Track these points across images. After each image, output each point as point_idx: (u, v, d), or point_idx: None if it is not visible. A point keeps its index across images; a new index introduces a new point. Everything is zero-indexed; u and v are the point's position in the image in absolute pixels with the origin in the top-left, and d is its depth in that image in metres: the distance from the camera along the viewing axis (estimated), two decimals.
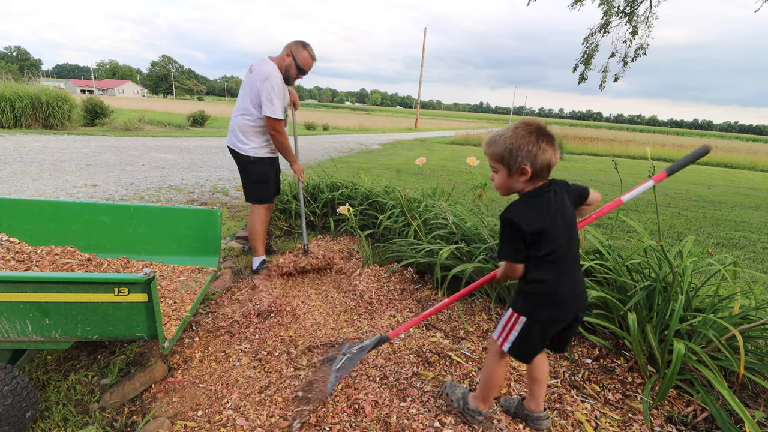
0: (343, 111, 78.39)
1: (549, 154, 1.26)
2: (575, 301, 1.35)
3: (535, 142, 1.25)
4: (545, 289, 1.31)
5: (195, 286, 2.25)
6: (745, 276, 2.88)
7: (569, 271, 1.33)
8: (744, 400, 1.75)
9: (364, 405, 1.66)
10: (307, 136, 18.00)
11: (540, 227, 1.25)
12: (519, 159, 1.25)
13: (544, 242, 1.27)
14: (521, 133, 1.26)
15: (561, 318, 1.35)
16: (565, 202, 1.33)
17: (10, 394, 1.40)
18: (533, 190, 1.31)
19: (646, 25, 9.94)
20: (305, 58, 2.86)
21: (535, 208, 1.28)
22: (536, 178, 1.29)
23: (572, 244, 1.33)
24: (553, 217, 1.28)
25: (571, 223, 1.33)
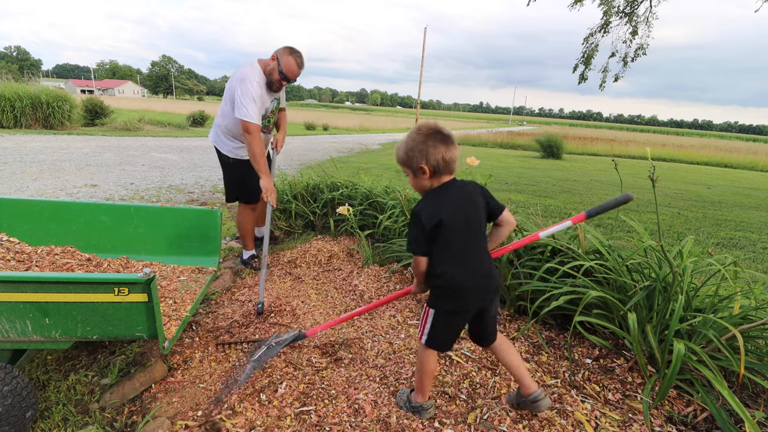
0: (343, 111, 78.40)
1: (441, 151, 1.36)
2: (477, 291, 1.43)
3: (424, 141, 1.36)
4: (445, 282, 1.40)
5: (195, 286, 2.25)
6: (745, 276, 2.88)
7: (470, 263, 1.42)
8: (744, 400, 1.75)
9: (364, 405, 1.66)
10: (307, 136, 18.01)
11: (438, 219, 1.34)
12: (415, 160, 1.38)
13: (442, 235, 1.36)
14: (414, 136, 1.39)
15: (463, 308, 1.44)
16: (471, 199, 1.43)
17: (10, 394, 1.40)
18: (438, 186, 1.42)
19: (646, 25, 9.94)
20: (289, 64, 2.70)
21: (435, 202, 1.39)
22: (437, 174, 1.39)
23: (472, 236, 1.42)
24: (452, 210, 1.37)
25: (474, 218, 1.42)
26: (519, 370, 1.57)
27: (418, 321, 2.36)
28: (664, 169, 14.22)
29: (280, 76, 2.71)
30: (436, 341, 1.51)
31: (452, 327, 1.49)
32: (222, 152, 2.91)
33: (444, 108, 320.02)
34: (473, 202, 1.43)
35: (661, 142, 28.95)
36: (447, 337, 1.52)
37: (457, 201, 1.40)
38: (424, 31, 33.83)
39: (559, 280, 2.19)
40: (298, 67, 2.73)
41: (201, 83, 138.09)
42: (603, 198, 7.13)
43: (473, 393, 1.76)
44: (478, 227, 1.44)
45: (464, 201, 1.41)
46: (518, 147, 20.21)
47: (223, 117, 2.83)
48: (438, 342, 1.51)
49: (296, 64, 2.72)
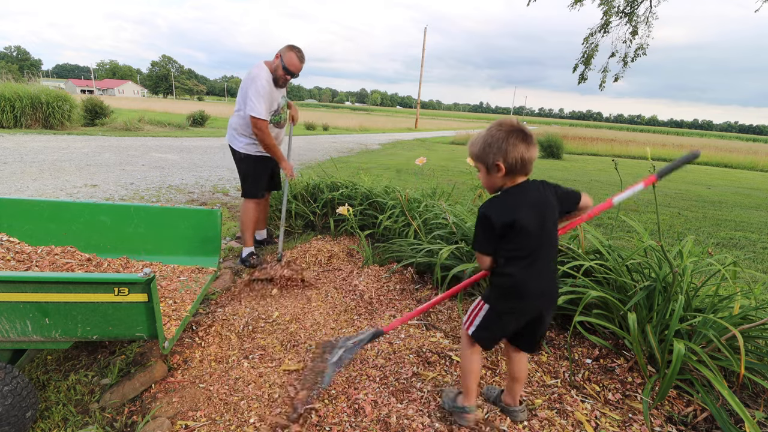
0: (343, 111, 78.39)
1: (521, 149, 1.30)
2: (539, 299, 1.39)
3: (505, 138, 1.30)
4: (511, 282, 1.36)
5: (195, 286, 2.25)
6: (745, 276, 2.88)
7: (538, 269, 1.36)
8: (744, 400, 1.75)
9: (364, 405, 1.66)
10: (307, 136, 18.01)
11: (509, 220, 1.30)
12: (492, 156, 1.32)
13: (514, 236, 1.32)
14: (494, 131, 1.33)
15: (521, 311, 1.40)
16: (547, 202, 1.37)
17: (9, 394, 1.40)
18: (513, 186, 1.37)
19: (646, 25, 9.94)
20: (290, 59, 2.95)
21: (508, 203, 1.35)
22: (512, 173, 1.34)
23: (545, 242, 1.37)
24: (527, 213, 1.32)
25: (547, 222, 1.37)
26: (518, 384, 1.58)
27: (418, 321, 2.36)
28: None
29: (284, 71, 2.96)
30: (483, 336, 1.47)
31: (503, 328, 1.45)
32: (235, 149, 3.12)
33: (444, 108, 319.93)
34: (549, 206, 1.38)
35: (661, 142, 28.93)
36: (494, 336, 1.48)
37: (533, 203, 1.35)
38: (424, 31, 33.84)
39: (559, 279, 2.19)
40: (299, 61, 2.97)
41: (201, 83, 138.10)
42: (603, 198, 7.09)
43: None
44: (551, 233, 1.39)
45: (541, 204, 1.36)
46: None
47: (237, 116, 3.05)
48: (485, 338, 1.47)
49: (297, 59, 2.96)
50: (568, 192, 1.44)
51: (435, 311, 2.49)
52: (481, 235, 1.37)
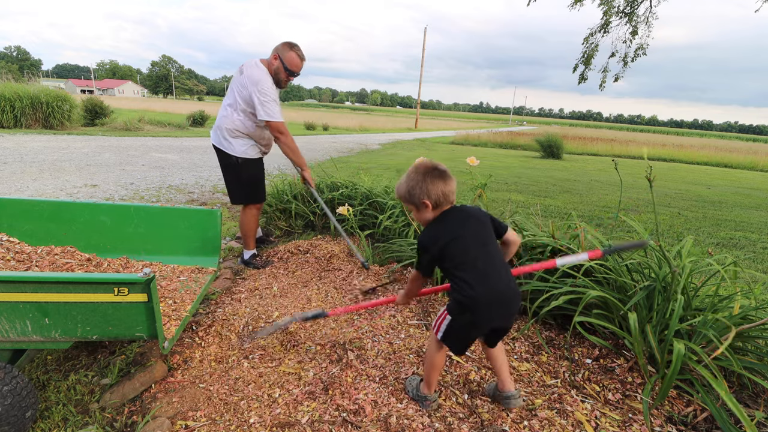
0: (343, 111, 78.39)
1: (439, 186, 1.49)
2: (494, 308, 1.45)
3: (423, 179, 1.49)
4: (463, 296, 1.44)
5: (195, 286, 2.25)
6: (745, 276, 2.88)
7: (487, 280, 1.44)
8: (744, 401, 1.75)
9: (364, 405, 1.66)
10: (307, 136, 18.01)
11: (443, 242, 1.46)
12: (417, 196, 1.50)
13: (453, 254, 1.46)
14: (413, 176, 1.52)
15: (478, 323, 1.48)
16: (472, 216, 1.53)
17: (9, 394, 1.40)
18: (439, 215, 1.54)
19: (646, 25, 9.94)
20: (292, 59, 2.79)
21: (437, 229, 1.51)
22: (439, 206, 1.52)
23: (486, 252, 1.48)
24: (455, 231, 1.48)
25: (481, 233, 1.51)
26: (502, 367, 1.66)
27: (418, 321, 2.37)
28: (664, 169, 14.22)
29: (286, 73, 2.82)
30: (451, 343, 1.55)
31: (466, 337, 1.54)
32: (228, 153, 2.88)
33: (444, 108, 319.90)
34: (475, 218, 1.53)
35: (661, 142, 28.94)
36: (462, 344, 1.57)
37: (457, 221, 1.51)
38: (424, 31, 33.84)
39: (558, 280, 2.19)
40: (300, 60, 2.83)
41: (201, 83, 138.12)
42: (603, 197, 7.12)
43: (473, 392, 1.76)
44: (488, 240, 1.51)
45: (465, 219, 1.52)
46: (518, 147, 20.20)
47: (227, 118, 2.84)
48: (453, 345, 1.56)
49: (298, 57, 2.81)
50: (497, 221, 1.60)
51: (435, 311, 2.49)
52: (422, 262, 1.55)
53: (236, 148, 2.87)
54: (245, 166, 2.93)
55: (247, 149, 2.90)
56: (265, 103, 2.70)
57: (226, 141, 2.87)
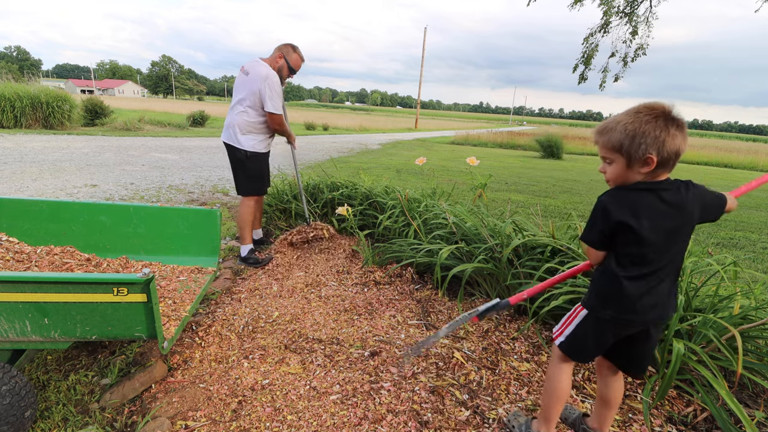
0: (343, 111, 78.40)
1: (678, 141, 1.09)
2: (648, 311, 1.18)
3: (664, 127, 1.08)
4: (617, 287, 1.17)
5: (194, 286, 2.25)
6: (745, 276, 2.88)
7: (654, 280, 1.17)
8: (744, 400, 1.75)
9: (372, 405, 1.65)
10: (307, 136, 18.01)
11: (628, 221, 1.11)
12: (643, 147, 1.09)
13: (630, 242, 1.14)
14: (645, 117, 1.10)
15: (624, 320, 1.20)
16: (685, 207, 1.15)
17: (8, 394, 1.40)
18: (651, 182, 1.14)
19: (646, 25, 9.93)
20: (296, 60, 3.12)
21: (637, 201, 1.13)
22: (660, 168, 1.12)
23: (671, 255, 1.17)
24: (654, 220, 1.12)
25: (678, 232, 1.16)
26: (610, 409, 1.39)
27: (418, 321, 2.36)
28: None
29: (289, 71, 3.12)
30: (574, 346, 1.28)
31: (601, 336, 1.25)
32: (239, 149, 3.07)
33: (444, 108, 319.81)
34: (686, 212, 1.16)
35: None
36: (588, 346, 1.27)
37: (663, 208, 1.13)
38: (424, 31, 33.83)
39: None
40: (302, 60, 3.18)
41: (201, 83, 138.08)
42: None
43: (473, 392, 1.76)
44: (679, 244, 1.19)
45: (674, 209, 1.14)
46: (518, 147, 20.20)
47: (238, 116, 3.03)
48: (576, 347, 1.28)
49: (301, 58, 3.16)
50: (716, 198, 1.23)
51: (435, 311, 2.49)
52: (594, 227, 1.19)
53: (246, 143, 3.06)
54: (253, 159, 3.11)
55: (256, 144, 3.10)
56: (273, 97, 2.95)
57: (237, 137, 3.07)
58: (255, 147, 3.09)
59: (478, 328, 2.29)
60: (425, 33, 33.80)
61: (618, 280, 1.17)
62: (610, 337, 1.25)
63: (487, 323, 2.33)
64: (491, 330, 2.27)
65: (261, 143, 3.11)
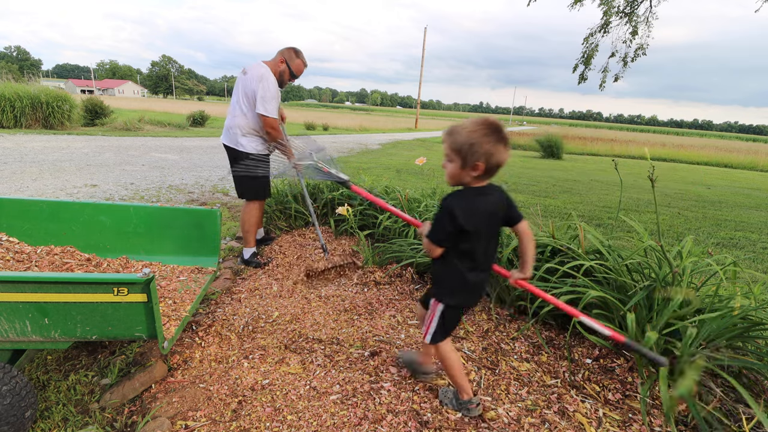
0: (343, 111, 78.37)
1: (503, 156, 1.35)
2: (481, 292, 1.56)
3: (495, 142, 1.32)
4: (462, 279, 1.46)
5: (194, 286, 2.25)
6: (745, 276, 2.88)
7: (481, 266, 1.48)
8: (744, 400, 1.74)
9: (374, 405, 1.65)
10: (307, 136, 17.99)
11: (466, 224, 1.37)
12: (476, 155, 1.33)
13: (467, 240, 1.41)
14: (484, 131, 1.32)
15: (469, 303, 1.57)
16: (497, 211, 1.46)
17: (8, 394, 1.40)
18: (479, 187, 1.42)
19: (646, 25, 9.92)
20: (298, 65, 3.06)
21: (474, 206, 1.40)
22: (486, 175, 1.39)
23: (491, 244, 1.50)
24: (483, 220, 1.41)
25: (496, 226, 1.49)
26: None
27: (418, 321, 2.36)
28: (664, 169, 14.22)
29: (290, 76, 3.06)
30: (442, 334, 1.57)
31: (457, 317, 1.59)
32: (239, 151, 3.04)
33: (444, 108, 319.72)
34: (498, 212, 1.47)
35: (661, 142, 28.94)
36: (451, 326, 1.60)
37: (490, 209, 1.43)
38: (424, 31, 33.83)
39: (559, 280, 2.19)
40: (304, 66, 3.11)
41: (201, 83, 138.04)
42: (603, 197, 7.12)
43: (473, 392, 1.76)
44: (496, 235, 1.52)
45: (494, 210, 1.44)
46: (518, 147, 20.19)
47: (238, 118, 2.99)
48: (443, 333, 1.57)
49: (303, 63, 3.09)
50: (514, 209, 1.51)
51: None
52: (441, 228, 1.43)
53: (247, 145, 3.02)
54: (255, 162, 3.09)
55: (257, 146, 3.06)
56: (265, 98, 2.86)
57: (238, 139, 3.03)
58: (257, 149, 3.04)
59: (478, 328, 2.29)
60: (425, 33, 33.79)
61: (461, 274, 1.46)
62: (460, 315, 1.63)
63: (488, 323, 2.33)
64: (491, 330, 2.27)
65: (263, 145, 3.07)
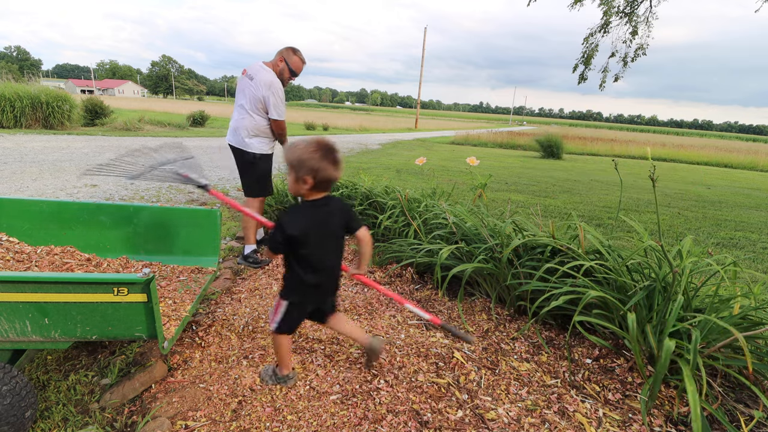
0: (343, 111, 78.37)
1: (330, 171, 1.52)
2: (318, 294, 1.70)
3: (320, 159, 1.50)
4: (297, 279, 1.61)
5: (195, 286, 2.25)
6: (745, 276, 2.88)
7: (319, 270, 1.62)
8: (744, 400, 1.75)
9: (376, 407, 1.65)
10: (307, 136, 17.99)
11: (296, 234, 1.53)
12: (305, 170, 1.51)
13: (300, 246, 1.56)
14: (311, 150, 1.51)
15: (307, 302, 1.70)
16: (331, 220, 1.62)
17: (8, 394, 1.40)
18: (314, 200, 1.58)
19: (646, 25, 9.92)
20: (296, 63, 3.14)
21: (302, 217, 1.58)
22: (317, 189, 1.55)
23: (329, 252, 1.66)
24: (313, 229, 1.57)
25: (332, 236, 1.65)
26: (353, 332, 1.86)
27: (418, 321, 2.37)
28: (664, 169, 14.22)
29: (290, 74, 3.15)
30: (286, 327, 1.71)
31: (300, 315, 1.73)
32: (248, 152, 3.13)
33: (444, 108, 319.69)
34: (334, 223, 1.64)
35: (661, 142, 28.92)
36: (296, 321, 1.74)
37: (321, 218, 1.60)
38: (424, 31, 33.83)
39: (559, 280, 2.19)
40: (303, 63, 3.19)
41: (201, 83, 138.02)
42: (603, 197, 7.12)
43: (473, 392, 1.76)
44: (334, 243, 1.68)
45: (326, 219, 1.61)
46: (518, 147, 20.20)
47: (244, 119, 3.08)
48: (287, 327, 1.71)
49: (301, 61, 3.17)
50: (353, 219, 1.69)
51: (435, 311, 2.49)
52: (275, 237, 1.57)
53: (254, 146, 3.13)
54: (261, 161, 3.19)
55: (263, 146, 3.17)
56: (277, 105, 3.03)
57: (245, 140, 3.12)
58: (262, 149, 3.16)
59: (478, 328, 2.29)
60: (425, 33, 33.80)
61: (299, 276, 1.61)
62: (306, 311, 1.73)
63: (488, 323, 2.33)
64: (491, 330, 2.27)
65: (267, 145, 3.19)
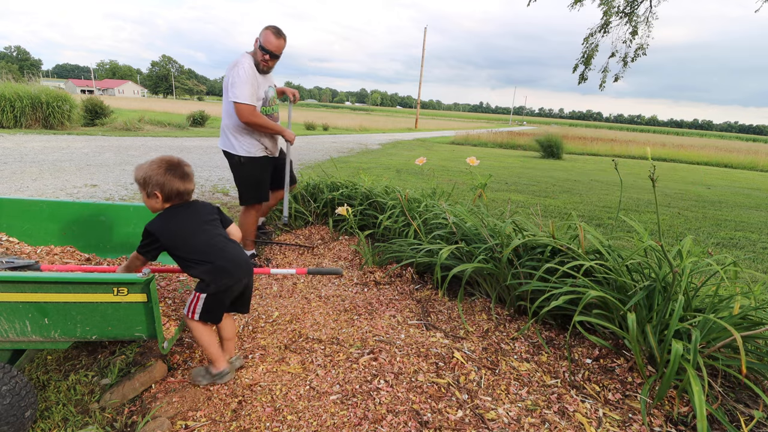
0: (343, 111, 78.36)
1: (177, 184, 1.64)
2: (234, 271, 1.67)
3: (164, 174, 1.62)
4: (206, 270, 1.63)
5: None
6: (745, 276, 2.88)
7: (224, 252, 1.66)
8: (743, 400, 1.75)
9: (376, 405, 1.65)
10: (307, 136, 18.00)
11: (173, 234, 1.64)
12: (151, 186, 1.63)
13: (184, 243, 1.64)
14: (155, 166, 1.63)
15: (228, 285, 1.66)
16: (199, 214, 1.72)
17: (8, 394, 1.40)
18: (169, 208, 1.69)
19: (646, 25, 9.92)
20: (265, 36, 2.76)
21: (168, 222, 1.66)
22: (170, 201, 1.67)
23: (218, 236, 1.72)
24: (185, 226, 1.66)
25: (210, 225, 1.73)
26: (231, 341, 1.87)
27: (418, 321, 2.37)
28: (664, 169, 14.23)
29: (261, 51, 2.77)
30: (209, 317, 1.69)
31: (221, 304, 1.70)
32: (233, 153, 2.90)
33: (444, 108, 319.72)
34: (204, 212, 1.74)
35: (661, 142, 28.93)
36: (217, 312, 1.71)
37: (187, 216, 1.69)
38: (424, 31, 33.84)
39: (559, 280, 2.19)
40: (275, 37, 2.77)
41: (201, 83, 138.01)
42: (603, 197, 7.12)
43: (473, 392, 1.76)
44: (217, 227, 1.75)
45: (194, 214, 1.70)
46: (518, 147, 20.20)
47: (225, 117, 2.87)
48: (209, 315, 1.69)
49: (272, 34, 2.76)
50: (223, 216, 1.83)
51: (435, 311, 2.49)
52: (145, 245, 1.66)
53: (239, 147, 2.88)
54: (248, 164, 2.93)
55: (250, 147, 2.90)
56: (235, 84, 2.65)
57: (230, 141, 2.89)
58: (250, 151, 2.89)
59: (478, 327, 2.29)
60: (425, 33, 33.80)
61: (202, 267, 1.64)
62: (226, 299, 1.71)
63: (488, 323, 2.33)
64: (491, 330, 2.27)
65: (254, 146, 2.91)
